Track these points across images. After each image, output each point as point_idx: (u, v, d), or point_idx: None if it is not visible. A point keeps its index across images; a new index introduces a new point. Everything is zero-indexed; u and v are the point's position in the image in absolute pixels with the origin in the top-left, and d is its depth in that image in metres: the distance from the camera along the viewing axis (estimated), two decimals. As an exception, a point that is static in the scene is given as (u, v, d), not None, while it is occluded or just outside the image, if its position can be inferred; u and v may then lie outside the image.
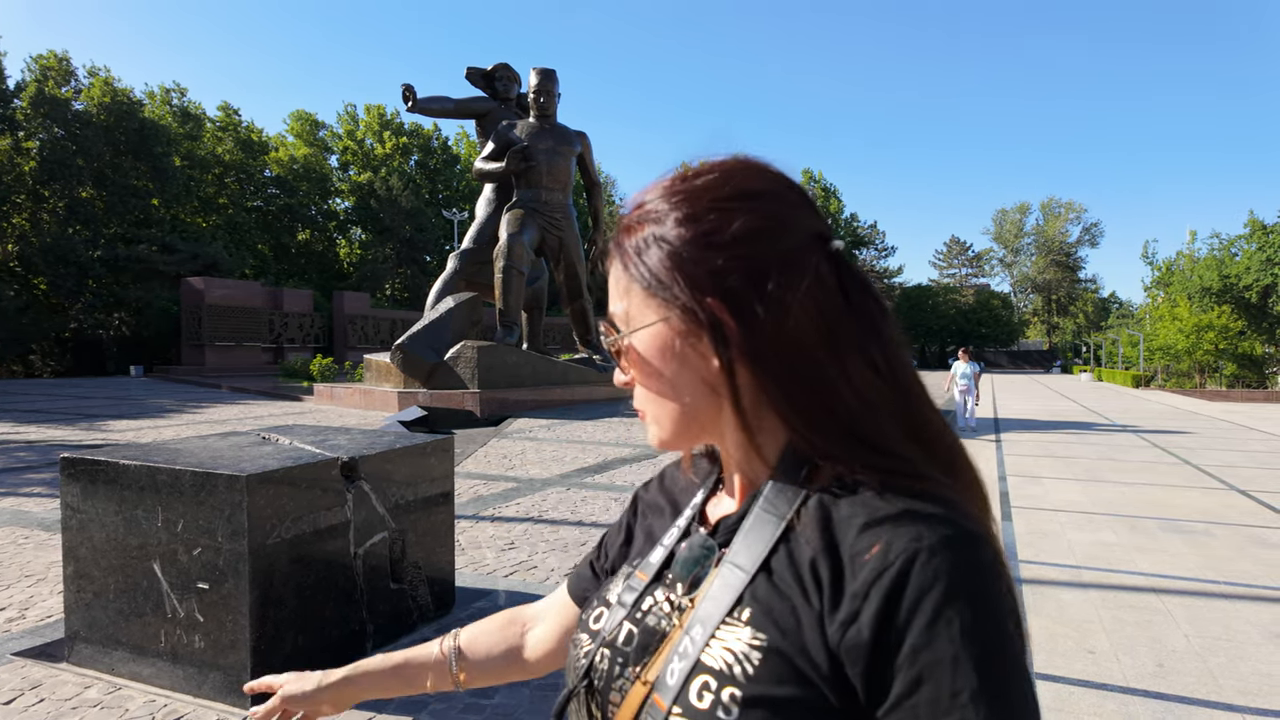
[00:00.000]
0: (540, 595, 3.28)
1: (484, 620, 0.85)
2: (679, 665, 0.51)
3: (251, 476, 2.41)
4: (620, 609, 0.60)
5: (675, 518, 0.67)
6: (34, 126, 33.70)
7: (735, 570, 0.53)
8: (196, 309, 27.49)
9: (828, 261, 0.55)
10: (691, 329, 0.54)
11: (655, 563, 0.62)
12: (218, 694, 2.43)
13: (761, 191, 0.56)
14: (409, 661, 0.83)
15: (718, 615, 0.52)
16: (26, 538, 4.47)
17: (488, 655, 0.82)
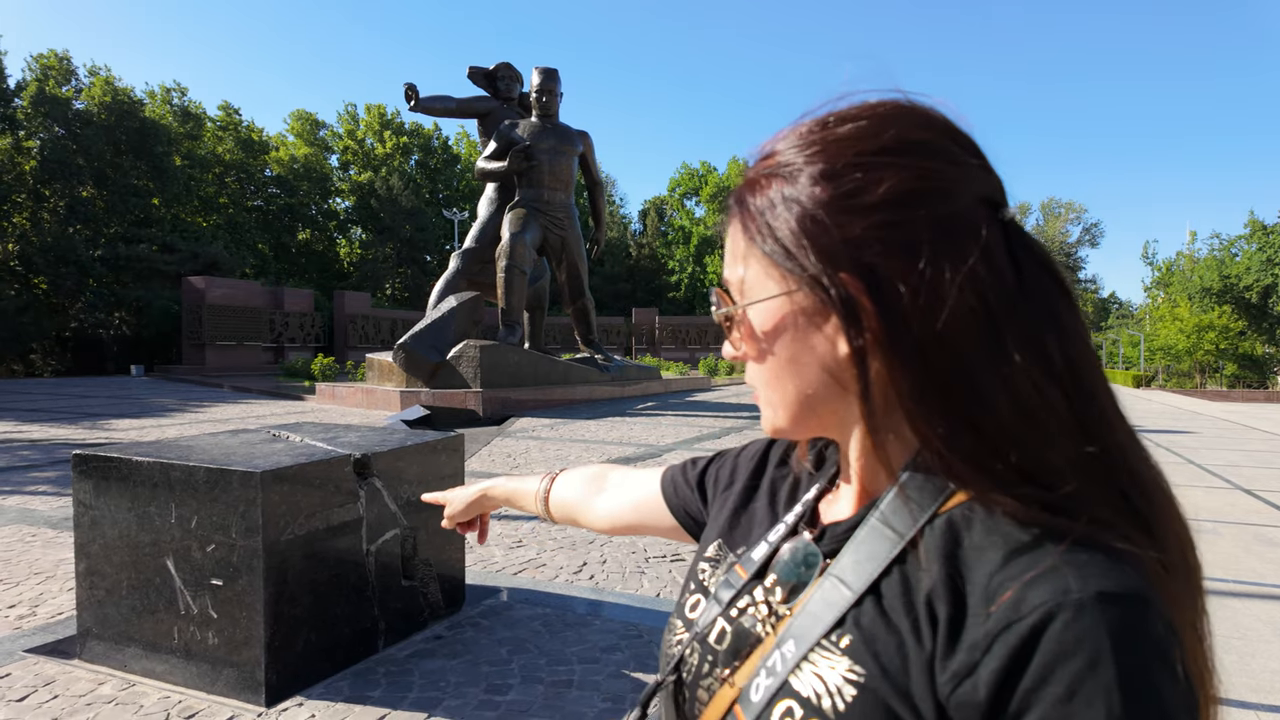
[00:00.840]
0: (551, 593, 3.30)
1: (578, 469, 0.99)
2: (765, 682, 0.47)
3: (266, 473, 2.41)
4: (716, 604, 0.57)
5: (777, 504, 0.64)
6: (34, 126, 33.72)
7: (840, 587, 0.48)
8: (197, 308, 27.48)
9: (998, 233, 0.46)
10: (819, 308, 0.48)
11: (757, 559, 0.58)
12: (232, 690, 2.43)
13: (919, 143, 0.47)
14: (519, 490, 1.02)
15: (814, 635, 0.47)
16: (34, 535, 4.46)
17: (564, 500, 0.96)
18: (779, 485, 0.66)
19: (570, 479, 0.98)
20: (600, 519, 0.92)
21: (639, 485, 0.87)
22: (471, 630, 2.96)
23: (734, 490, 0.70)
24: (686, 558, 3.99)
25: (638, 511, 0.86)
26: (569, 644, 2.80)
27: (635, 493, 0.87)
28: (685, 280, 55.64)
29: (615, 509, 0.89)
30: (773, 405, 0.54)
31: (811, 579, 0.52)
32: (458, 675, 2.53)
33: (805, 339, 0.49)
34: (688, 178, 60.35)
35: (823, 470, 0.62)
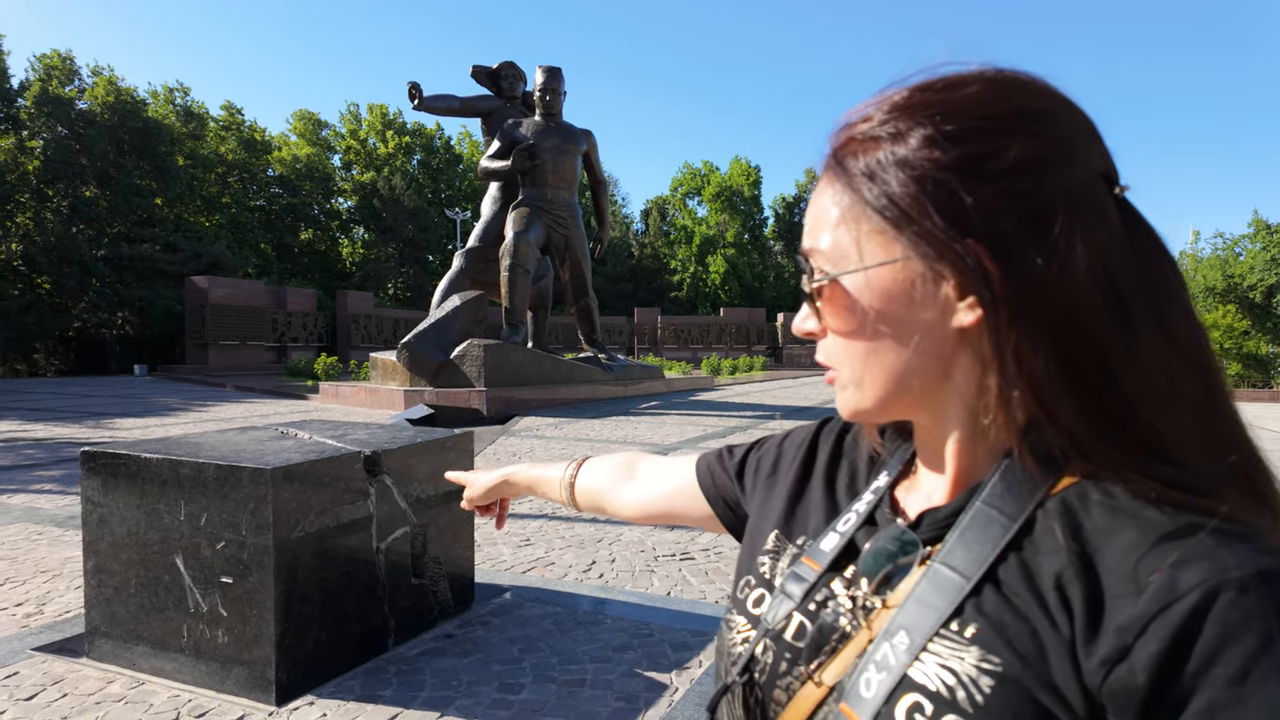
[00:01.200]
0: (561, 591, 3.27)
1: (606, 456, 0.98)
2: (878, 677, 0.44)
3: (276, 470, 2.39)
4: (786, 599, 0.54)
5: (835, 493, 0.61)
6: (38, 126, 33.75)
7: (949, 574, 0.45)
8: (200, 308, 27.51)
9: (1115, 208, 0.46)
10: (934, 275, 0.45)
11: (829, 550, 0.55)
12: (242, 689, 2.41)
13: (1045, 112, 0.46)
14: (542, 477, 1.00)
15: (929, 625, 0.44)
16: (40, 534, 4.45)
17: (591, 488, 0.94)
18: (835, 473, 0.63)
19: (597, 466, 0.96)
20: (629, 507, 0.89)
21: (673, 473, 0.85)
22: (482, 629, 2.94)
23: (781, 478, 0.67)
24: (696, 557, 3.96)
25: (671, 500, 0.83)
26: (580, 643, 2.77)
27: (668, 481, 0.85)
28: (688, 280, 55.60)
29: (646, 497, 0.87)
30: (858, 384, 0.51)
31: (910, 568, 0.49)
32: (469, 674, 2.51)
33: (912, 311, 0.47)
34: (690, 177, 60.32)
35: (895, 456, 0.59)
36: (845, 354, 0.51)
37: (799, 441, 0.69)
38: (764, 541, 0.63)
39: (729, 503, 0.76)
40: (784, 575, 0.57)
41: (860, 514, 0.56)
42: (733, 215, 57.27)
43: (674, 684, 2.44)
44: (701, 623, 2.98)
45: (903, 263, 0.46)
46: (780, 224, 61.09)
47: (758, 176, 58.06)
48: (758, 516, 0.67)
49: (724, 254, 54.77)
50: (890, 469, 0.58)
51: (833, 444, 0.66)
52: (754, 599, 0.59)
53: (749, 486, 0.72)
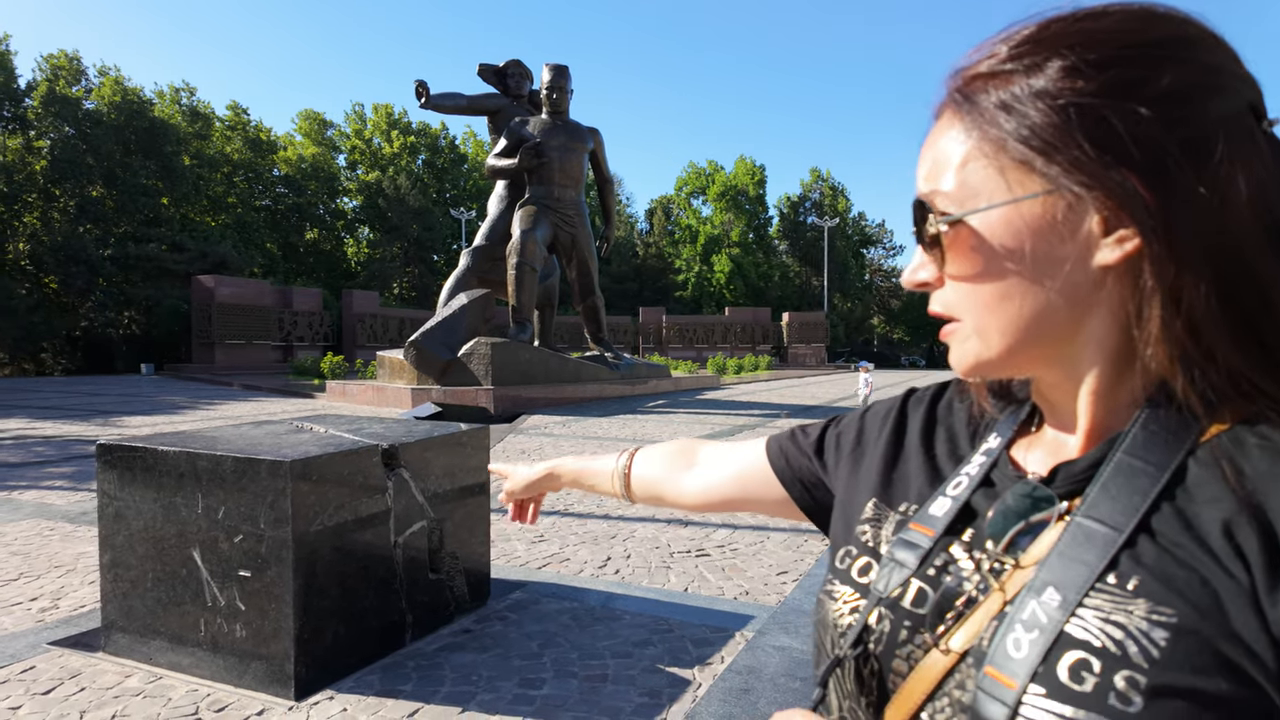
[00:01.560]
0: (578, 587, 3.25)
1: (660, 445, 0.94)
2: (1028, 636, 0.42)
3: (295, 462, 2.36)
4: (899, 566, 0.52)
5: (935, 458, 0.59)
6: (45, 126, 33.90)
7: (1097, 527, 0.43)
8: (206, 307, 27.57)
9: (1265, 141, 0.43)
10: (1079, 209, 0.43)
11: (941, 515, 0.52)
12: (260, 684, 2.38)
13: (1193, 40, 0.43)
14: (590, 469, 0.97)
15: (1081, 580, 0.42)
16: (52, 529, 4.44)
17: (648, 477, 0.91)
18: (932, 440, 0.61)
19: (653, 454, 0.93)
20: (691, 495, 0.86)
21: (739, 457, 0.81)
22: (499, 624, 2.91)
23: (869, 450, 0.65)
24: (712, 553, 3.93)
25: (740, 485, 0.80)
26: (599, 638, 2.74)
27: (734, 465, 0.81)
28: (692, 279, 55.56)
29: (711, 483, 0.83)
30: (984, 334, 0.48)
31: (1045, 525, 0.47)
32: (489, 669, 2.48)
33: (1051, 248, 0.44)
34: (695, 177, 60.27)
35: (1007, 417, 0.57)
36: (970, 302, 0.48)
37: (883, 413, 0.67)
38: (860, 511, 0.61)
39: (806, 483, 0.73)
40: (891, 543, 0.54)
41: (972, 477, 0.54)
42: (737, 214, 57.20)
43: (697, 679, 2.41)
44: (721, 619, 2.95)
45: (1044, 197, 0.44)
46: (785, 223, 61.01)
47: (762, 176, 57.99)
48: (847, 490, 0.65)
49: (729, 253, 54.71)
50: (1002, 430, 0.56)
51: (925, 411, 0.64)
52: (859, 568, 0.56)
53: (831, 463, 0.70)
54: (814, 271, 59.97)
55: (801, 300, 57.23)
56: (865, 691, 0.51)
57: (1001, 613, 0.45)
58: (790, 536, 4.26)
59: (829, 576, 0.59)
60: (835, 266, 55.29)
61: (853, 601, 0.54)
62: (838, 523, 0.64)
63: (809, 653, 2.61)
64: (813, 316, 43.13)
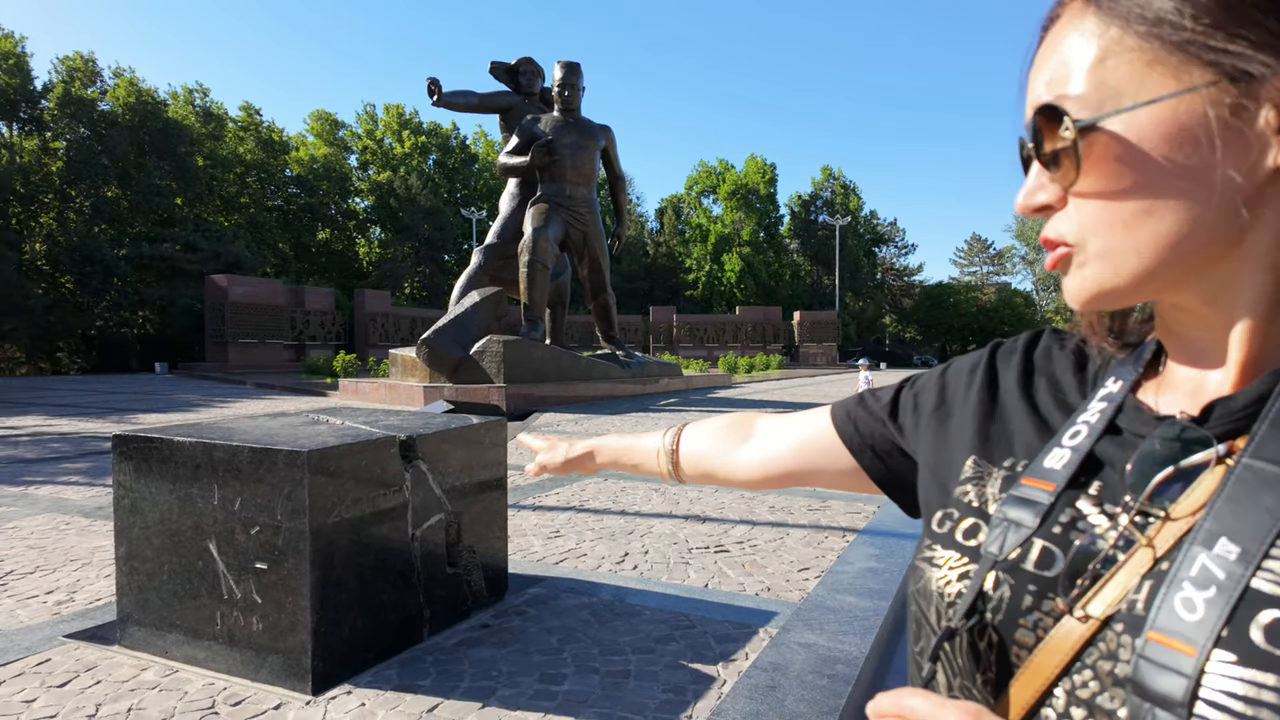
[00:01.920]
0: (596, 582, 3.19)
1: (711, 419, 0.88)
2: (1202, 595, 0.36)
3: (313, 452, 2.32)
4: (1015, 525, 0.46)
5: (1039, 409, 0.54)
6: (61, 127, 34.21)
7: (1274, 469, 0.38)
8: (220, 306, 27.74)
9: None
10: (1252, 102, 0.38)
11: (1060, 467, 0.47)
12: (277, 678, 2.34)
13: None
14: (634, 447, 0.91)
15: (1265, 529, 0.36)
16: (68, 524, 4.43)
17: (699, 453, 0.85)
18: (1032, 390, 0.56)
19: (703, 429, 0.88)
20: (749, 469, 0.80)
21: (802, 427, 0.76)
22: (518, 619, 2.86)
23: (957, 408, 0.60)
24: (731, 549, 3.87)
25: (803, 455, 0.74)
26: (620, 634, 2.69)
27: (798, 435, 0.76)
28: (703, 278, 55.46)
29: (770, 455, 0.78)
30: (1113, 256, 0.42)
31: (1200, 470, 0.41)
32: (509, 664, 2.43)
33: (1213, 151, 0.38)
34: (705, 176, 60.17)
35: (1133, 358, 0.51)
36: (1102, 220, 0.42)
37: (968, 369, 0.62)
38: (957, 471, 0.55)
39: (879, 451, 0.68)
40: (1001, 501, 0.49)
41: (1092, 425, 0.48)
42: (748, 213, 57.05)
43: (721, 676, 2.36)
44: (743, 615, 2.89)
45: (1206, 90, 0.38)
46: (796, 222, 60.81)
47: (773, 174, 57.81)
48: (934, 451, 0.60)
49: (739, 252, 54.57)
50: (1121, 373, 0.51)
51: (1020, 361, 0.59)
52: (964, 530, 0.51)
53: (909, 426, 0.65)
54: (825, 270, 59.74)
55: (813, 299, 57.02)
56: (982, 667, 0.45)
57: (1154, 570, 0.40)
58: (810, 533, 4.19)
59: (927, 542, 0.53)
60: (847, 265, 55.06)
61: (960, 567, 0.49)
62: (928, 486, 0.59)
63: (836, 649, 2.54)
64: (824, 315, 42.96)
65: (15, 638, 2.68)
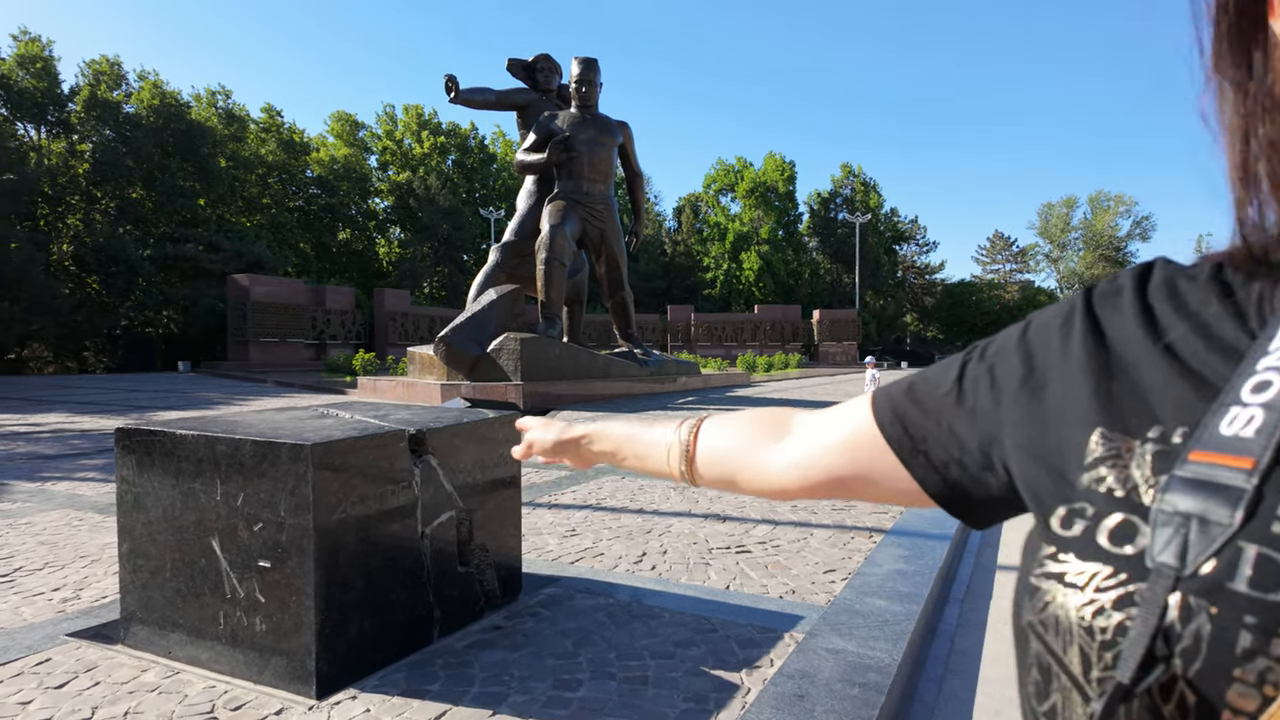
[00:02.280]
0: (613, 583, 3.06)
1: (737, 413, 0.75)
2: None
3: (317, 445, 2.22)
4: (1202, 524, 0.32)
5: (1184, 361, 0.40)
6: (87, 130, 34.70)
7: None
8: (242, 306, 28.00)
9: None
10: None
11: (1253, 434, 0.33)
12: (280, 681, 2.25)
13: None
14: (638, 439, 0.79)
15: None
16: (81, 520, 4.39)
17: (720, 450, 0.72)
18: (1162, 331, 0.41)
19: (726, 423, 0.73)
20: (782, 474, 0.65)
21: (851, 418, 0.60)
22: (532, 621, 2.75)
23: (1053, 373, 0.45)
24: (753, 550, 3.73)
25: (854, 457, 0.59)
26: (638, 637, 2.57)
27: (846, 429, 0.60)
28: (721, 277, 55.18)
29: (812, 457, 0.62)
30: None
31: None
32: (521, 669, 2.32)
33: None
34: (723, 174, 59.86)
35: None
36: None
37: (1058, 323, 0.47)
38: (1079, 451, 0.41)
39: (936, 459, 0.54)
40: (1162, 486, 0.35)
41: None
42: (767, 211, 56.70)
43: (745, 684, 2.23)
44: (767, 619, 2.76)
45: None
46: (815, 220, 60.35)
47: (792, 172, 57.40)
48: (1032, 431, 0.45)
49: (758, 251, 54.25)
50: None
51: (1135, 305, 0.44)
52: (1109, 530, 0.36)
53: (985, 407, 0.50)
54: (845, 268, 59.24)
55: (832, 298, 56.55)
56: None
57: None
58: (835, 533, 4.04)
59: (1049, 551, 0.39)
60: (867, 263, 54.53)
61: (1114, 586, 0.35)
62: (1036, 477, 0.44)
63: (867, 656, 2.40)
64: (844, 314, 42.54)
65: (17, 636, 2.61)
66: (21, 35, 33.60)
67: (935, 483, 0.53)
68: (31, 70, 33.04)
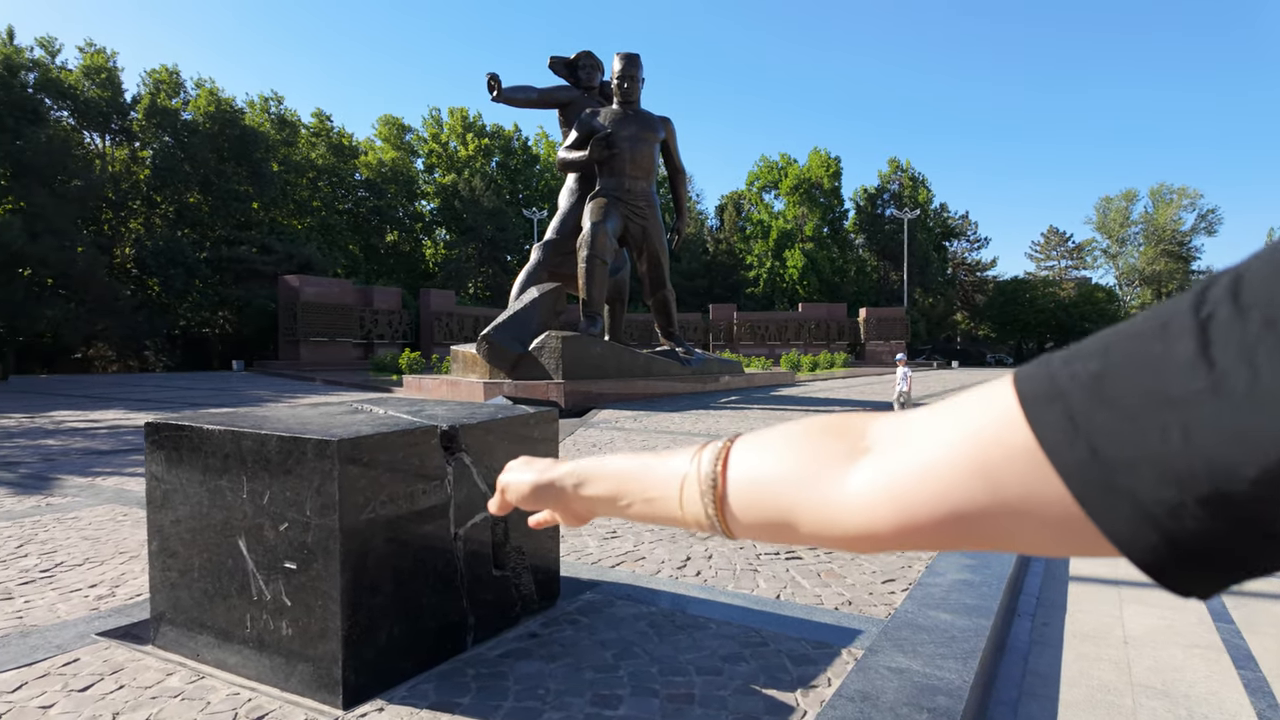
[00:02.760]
0: (656, 590, 2.88)
1: (778, 427, 0.52)
2: None
3: (344, 441, 2.10)
4: None
5: None
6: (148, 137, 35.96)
7: None
8: (292, 306, 28.66)
9: None
10: None
11: None
12: (306, 689, 2.14)
13: None
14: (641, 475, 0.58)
15: None
16: (125, 515, 4.41)
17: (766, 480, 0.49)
18: None
19: (769, 442, 0.51)
20: (868, 508, 0.43)
21: (978, 422, 0.38)
22: (570, 629, 2.60)
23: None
24: (804, 556, 3.53)
25: (992, 483, 0.37)
26: (682, 650, 2.40)
27: (973, 438, 0.38)
28: (764, 275, 54.56)
29: (917, 480, 0.40)
30: None
31: None
32: (558, 682, 2.17)
33: None
34: (767, 170, 59.19)
35: None
36: None
37: None
38: None
39: (1159, 505, 0.32)
40: None
41: None
42: (811, 208, 55.88)
43: (800, 705, 2.04)
44: (822, 632, 2.55)
45: None
46: (862, 216, 59.25)
47: (838, 168, 56.46)
48: None
49: (802, 248, 53.49)
50: None
51: None
52: None
53: (1271, 382, 0.29)
54: (893, 266, 58.02)
55: (879, 295, 55.43)
56: None
57: None
58: (891, 539, 3.80)
59: None
60: (915, 260, 53.29)
61: None
62: None
63: (934, 676, 2.19)
64: (892, 312, 41.62)
65: (49, 634, 2.56)
66: (87, 47, 35.04)
67: (1150, 543, 0.32)
68: (97, 80, 34.40)
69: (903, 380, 13.33)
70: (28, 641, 2.49)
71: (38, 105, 30.93)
